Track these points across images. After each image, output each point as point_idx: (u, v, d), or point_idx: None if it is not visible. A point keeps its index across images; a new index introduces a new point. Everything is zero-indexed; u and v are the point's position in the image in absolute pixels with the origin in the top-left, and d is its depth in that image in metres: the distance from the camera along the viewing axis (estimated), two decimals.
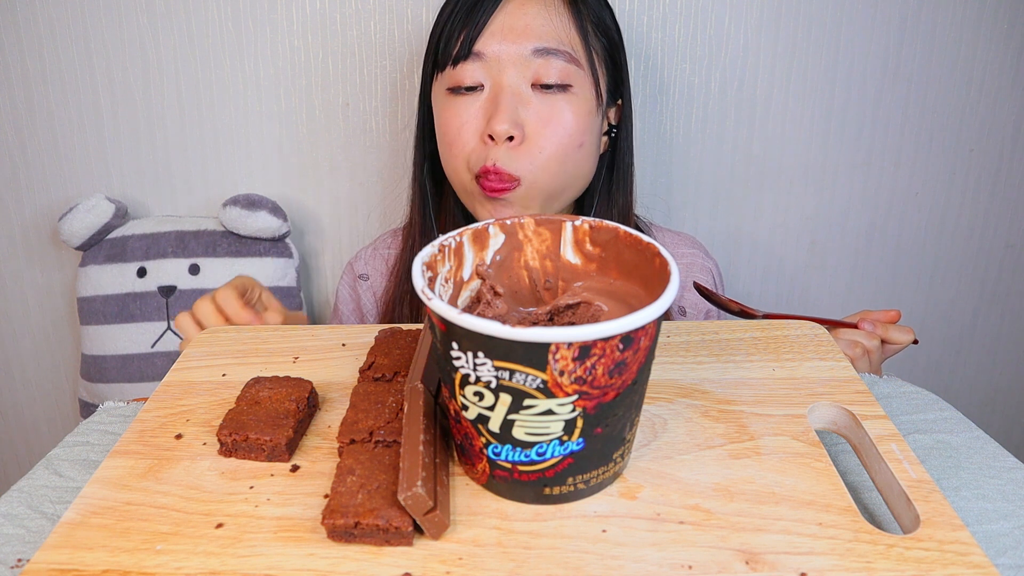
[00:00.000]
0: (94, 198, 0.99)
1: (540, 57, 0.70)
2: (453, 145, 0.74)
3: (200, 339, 0.57)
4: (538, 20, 0.71)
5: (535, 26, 0.71)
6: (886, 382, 0.56)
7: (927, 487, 0.39)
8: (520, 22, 0.71)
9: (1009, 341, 1.14)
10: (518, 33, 0.71)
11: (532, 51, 0.70)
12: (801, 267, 1.09)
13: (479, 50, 0.71)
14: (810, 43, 0.97)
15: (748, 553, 0.36)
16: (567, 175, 0.74)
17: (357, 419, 0.44)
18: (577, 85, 0.72)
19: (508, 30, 0.71)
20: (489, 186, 0.71)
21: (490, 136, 0.71)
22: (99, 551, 0.37)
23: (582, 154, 0.74)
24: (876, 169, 1.03)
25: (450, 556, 0.36)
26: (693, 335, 0.55)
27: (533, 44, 0.70)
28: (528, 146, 0.71)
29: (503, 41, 0.71)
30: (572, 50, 0.71)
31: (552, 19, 0.71)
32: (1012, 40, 0.97)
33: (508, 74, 0.71)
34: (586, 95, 0.73)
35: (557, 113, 0.71)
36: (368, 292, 0.88)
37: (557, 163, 0.72)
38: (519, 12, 0.71)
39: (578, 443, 0.38)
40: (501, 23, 0.71)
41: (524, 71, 0.71)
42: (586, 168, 0.76)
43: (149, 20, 0.97)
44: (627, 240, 0.44)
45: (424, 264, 0.41)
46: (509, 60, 0.71)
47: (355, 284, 0.89)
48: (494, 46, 0.71)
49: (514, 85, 0.71)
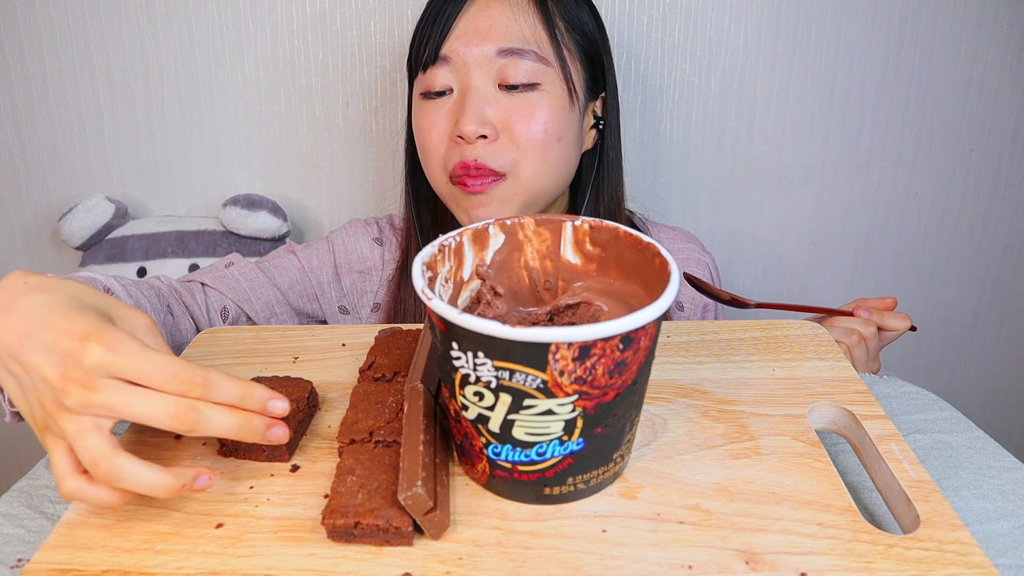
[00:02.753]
0: (94, 198, 0.99)
1: (504, 57, 0.71)
2: (426, 149, 0.75)
3: (200, 339, 0.57)
4: (502, 21, 0.71)
5: (499, 27, 0.71)
6: (886, 382, 0.56)
7: (927, 487, 0.39)
8: (484, 24, 0.71)
9: (1009, 341, 1.14)
10: (482, 35, 0.71)
11: (496, 52, 0.71)
12: (801, 267, 1.09)
13: (445, 54, 0.72)
14: (810, 43, 0.97)
15: (748, 553, 0.36)
16: (549, 170, 0.74)
17: (357, 419, 0.44)
18: (546, 83, 0.72)
19: (472, 32, 0.71)
20: (470, 183, 0.71)
21: (460, 136, 0.71)
22: (99, 551, 0.37)
23: (562, 149, 0.74)
24: (876, 169, 1.03)
25: (450, 556, 0.36)
26: (693, 335, 0.55)
27: (497, 45, 0.71)
28: (503, 142, 0.71)
29: (468, 44, 0.71)
30: (539, 48, 0.71)
31: (516, 19, 0.71)
32: (1012, 40, 0.97)
33: (474, 76, 0.71)
34: (557, 92, 0.72)
35: (528, 109, 0.71)
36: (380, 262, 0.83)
37: (538, 156, 0.72)
38: (483, 14, 0.72)
39: (578, 443, 0.38)
40: (465, 26, 0.72)
41: (489, 72, 0.71)
42: (567, 165, 0.76)
43: (149, 20, 0.97)
44: (627, 240, 0.44)
45: (424, 264, 0.41)
46: (474, 62, 0.71)
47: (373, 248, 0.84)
48: (459, 49, 0.71)
49: (480, 86, 0.71)
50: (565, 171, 0.76)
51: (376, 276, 0.84)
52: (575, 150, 0.76)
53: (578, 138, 0.76)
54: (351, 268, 0.83)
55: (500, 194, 0.72)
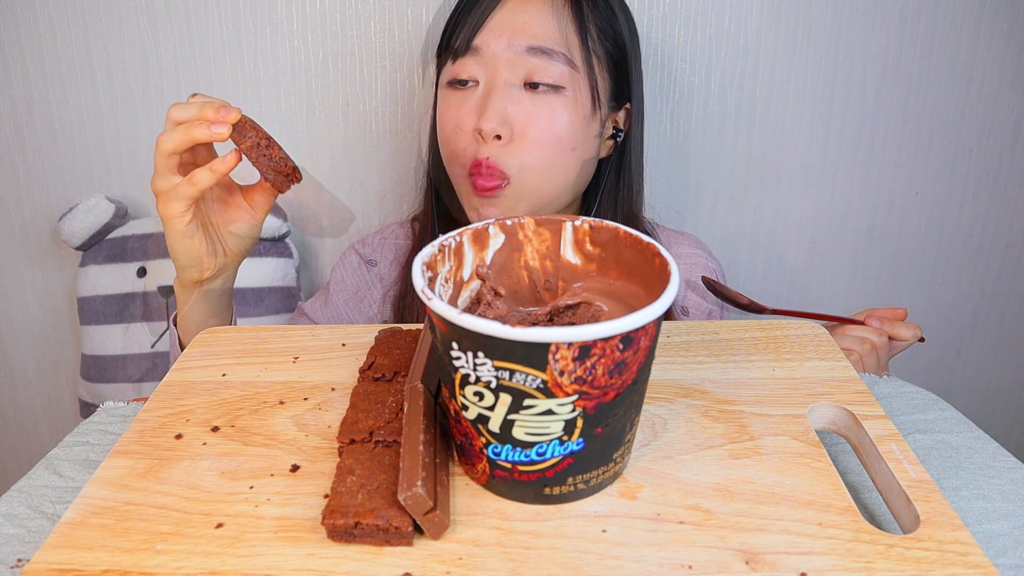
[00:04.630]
0: (94, 198, 0.99)
1: (534, 56, 0.70)
2: (448, 138, 0.75)
3: (200, 339, 0.57)
4: (537, 19, 0.71)
5: (533, 25, 0.70)
6: (886, 382, 0.56)
7: (927, 487, 0.39)
8: (518, 20, 0.71)
9: (1009, 341, 1.14)
10: (515, 31, 0.70)
11: (526, 49, 0.70)
12: (801, 267, 1.09)
13: (476, 45, 0.72)
14: (810, 43, 0.97)
15: (748, 553, 0.36)
16: (557, 179, 0.73)
17: (357, 419, 0.44)
18: (571, 88, 0.71)
19: (506, 27, 0.71)
20: (480, 184, 0.71)
21: (479, 132, 0.71)
22: (99, 551, 0.37)
23: (574, 159, 0.73)
24: (876, 169, 1.03)
25: (450, 556, 0.36)
26: (693, 335, 0.55)
27: (528, 42, 0.70)
28: (516, 145, 0.71)
29: (500, 38, 0.71)
30: (568, 52, 0.71)
31: (551, 19, 0.71)
32: (1012, 40, 0.97)
33: (501, 71, 0.71)
34: (580, 99, 0.72)
35: (547, 114, 0.71)
36: (375, 279, 0.86)
37: (546, 164, 0.72)
38: (519, 9, 0.71)
39: (578, 443, 0.38)
40: (500, 20, 0.71)
41: (517, 69, 0.71)
42: (578, 174, 0.75)
43: (149, 20, 0.97)
44: (627, 240, 0.44)
45: (424, 264, 0.41)
46: (503, 57, 0.71)
47: (360, 268, 0.86)
48: (491, 42, 0.71)
49: (506, 82, 0.71)
50: (576, 180, 0.75)
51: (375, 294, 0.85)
52: (589, 160, 0.76)
53: (594, 149, 0.76)
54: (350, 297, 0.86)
55: (506, 198, 0.72)
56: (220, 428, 0.46)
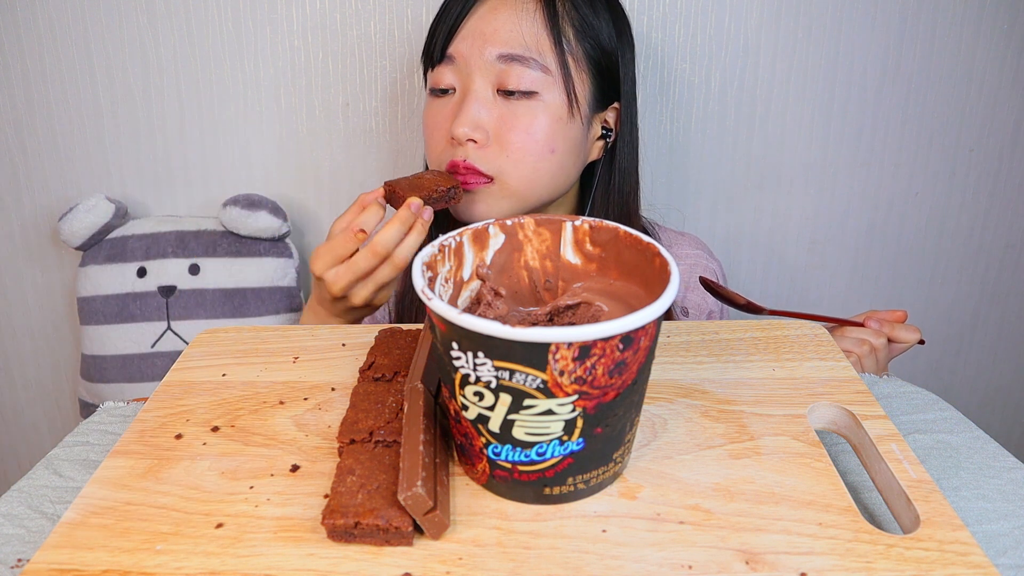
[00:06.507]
0: (94, 198, 0.99)
1: (504, 63, 0.70)
2: (428, 144, 0.76)
3: (200, 339, 0.57)
4: (507, 25, 0.70)
5: (503, 31, 0.70)
6: (886, 382, 0.56)
7: (927, 487, 0.39)
8: (489, 27, 0.71)
9: (1009, 341, 1.14)
10: (486, 38, 0.71)
11: (497, 56, 0.70)
12: (801, 267, 1.09)
13: (450, 54, 0.73)
14: (810, 43, 0.97)
15: (748, 553, 0.36)
16: (539, 181, 0.73)
17: (357, 419, 0.44)
18: (544, 92, 0.71)
19: (477, 35, 0.71)
20: (462, 179, 0.72)
21: (453, 137, 0.71)
22: (99, 551, 0.37)
23: (555, 161, 0.73)
24: (876, 169, 1.03)
25: (450, 556, 0.36)
26: (693, 335, 0.55)
27: (499, 49, 0.70)
28: (494, 149, 0.71)
29: (472, 46, 0.71)
30: (540, 57, 0.70)
31: (521, 25, 0.70)
32: (1012, 40, 0.97)
33: (475, 78, 0.71)
34: (555, 102, 0.72)
35: (523, 120, 0.71)
36: None
37: (528, 167, 0.72)
38: (490, 16, 0.71)
39: (578, 443, 0.38)
40: (471, 27, 0.71)
41: (489, 76, 0.71)
42: (562, 175, 0.75)
43: (149, 20, 0.97)
44: (627, 240, 0.44)
45: (424, 264, 0.41)
46: (475, 64, 0.71)
47: None
48: (463, 50, 0.72)
49: (479, 89, 0.71)
50: (559, 181, 0.75)
51: None
52: (572, 161, 0.75)
53: (577, 149, 0.75)
54: None
55: (488, 196, 0.73)
56: (220, 428, 0.46)
